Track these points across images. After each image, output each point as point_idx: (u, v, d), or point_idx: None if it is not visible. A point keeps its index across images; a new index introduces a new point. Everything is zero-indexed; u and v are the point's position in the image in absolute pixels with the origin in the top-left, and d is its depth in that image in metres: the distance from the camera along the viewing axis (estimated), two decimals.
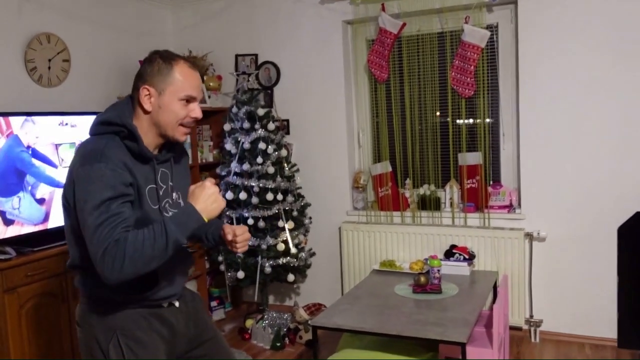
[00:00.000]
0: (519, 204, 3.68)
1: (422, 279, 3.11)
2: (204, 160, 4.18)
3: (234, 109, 3.83)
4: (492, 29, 3.68)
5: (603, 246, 3.45)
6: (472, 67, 3.59)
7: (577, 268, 3.52)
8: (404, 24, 3.72)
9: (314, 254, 4.06)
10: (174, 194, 1.76)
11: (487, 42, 3.58)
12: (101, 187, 1.50)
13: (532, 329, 3.62)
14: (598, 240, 3.45)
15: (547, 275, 3.60)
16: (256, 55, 4.28)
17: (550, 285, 3.60)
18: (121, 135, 1.62)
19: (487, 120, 3.75)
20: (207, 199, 1.58)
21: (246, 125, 3.75)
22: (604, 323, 3.50)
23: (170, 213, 1.69)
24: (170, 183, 1.75)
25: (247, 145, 3.72)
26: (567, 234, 3.52)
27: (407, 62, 3.91)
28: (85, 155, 1.57)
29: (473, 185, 3.76)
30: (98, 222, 1.47)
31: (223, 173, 3.88)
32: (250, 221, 3.71)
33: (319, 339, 3.07)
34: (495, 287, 3.36)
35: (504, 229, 3.63)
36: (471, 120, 3.82)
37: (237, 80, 4.26)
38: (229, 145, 3.84)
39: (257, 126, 3.75)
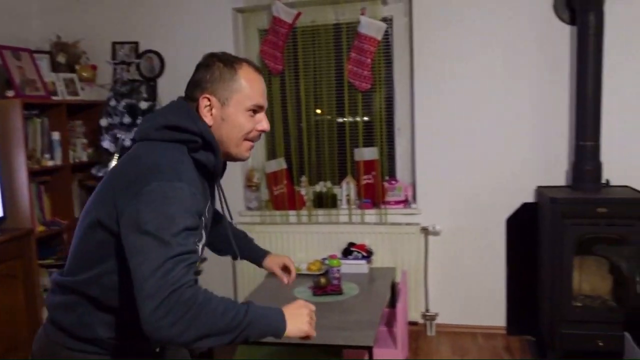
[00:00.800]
0: (414, 199, 3.69)
1: (322, 280, 2.99)
2: (76, 160, 3.73)
3: (112, 102, 3.46)
4: (388, 22, 3.64)
5: (493, 238, 3.55)
6: (369, 60, 3.52)
7: (469, 260, 3.60)
8: (299, 14, 3.57)
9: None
10: None
11: (383, 35, 3.53)
12: (181, 212, 1.20)
13: (428, 322, 3.65)
14: (489, 232, 3.55)
15: (442, 268, 3.64)
16: (137, 43, 3.91)
17: (444, 278, 3.65)
18: (192, 146, 1.33)
19: (383, 114, 3.71)
20: (301, 321, 1.32)
21: (127, 120, 3.40)
22: (494, 312, 3.61)
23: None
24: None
25: (128, 143, 3.37)
26: (460, 227, 3.58)
27: (302, 54, 3.76)
28: (156, 167, 1.24)
29: (369, 181, 3.71)
30: (171, 254, 1.15)
31: (100, 174, 3.49)
32: None
33: (214, 352, 2.85)
34: (393, 284, 3.33)
35: (400, 224, 3.62)
36: (367, 115, 3.76)
37: (114, 70, 3.86)
38: (106, 143, 3.46)
39: (139, 121, 3.41)
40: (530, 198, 3.47)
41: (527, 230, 3.46)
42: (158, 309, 1.11)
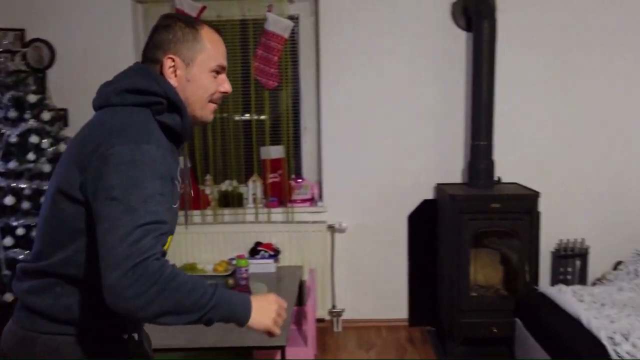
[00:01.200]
0: (321, 197, 3.73)
1: (229, 281, 2.94)
2: None
3: None
4: (294, 20, 3.64)
5: (396, 233, 3.68)
6: (276, 58, 3.50)
7: (373, 256, 3.70)
8: (204, 7, 3.47)
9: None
10: None
11: (290, 33, 3.53)
12: (151, 176, 1.14)
13: (335, 319, 3.71)
14: (392, 229, 3.67)
15: (348, 265, 3.71)
16: (22, 30, 3.59)
17: (350, 274, 3.72)
18: (156, 109, 1.27)
19: (290, 112, 3.70)
20: (267, 316, 1.27)
21: (12, 114, 3.11)
22: (397, 305, 3.74)
23: None
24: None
25: (14, 139, 3.08)
26: (365, 224, 3.67)
27: None
28: (122, 130, 1.18)
29: (276, 180, 3.69)
30: (140, 222, 1.09)
31: None
32: (21, 231, 3.10)
33: None
34: (301, 282, 3.34)
35: (307, 222, 3.63)
36: (274, 113, 3.74)
37: None
38: None
39: (27, 115, 3.14)
40: (430, 195, 3.63)
41: (427, 225, 3.62)
42: (123, 278, 1.06)
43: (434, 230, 3.59)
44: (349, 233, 3.67)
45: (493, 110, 3.32)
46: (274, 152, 3.68)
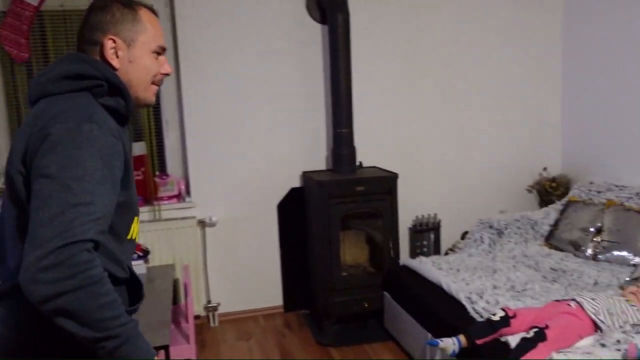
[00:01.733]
0: (189, 193, 3.65)
1: None
2: None
3: None
4: None
5: (266, 223, 3.73)
6: (26, 27, 3.27)
7: (246, 247, 3.72)
8: None
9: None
10: None
11: None
12: (91, 155, 1.07)
13: (211, 314, 3.67)
14: (262, 219, 3.72)
15: (221, 259, 3.69)
16: None
17: (224, 268, 3.70)
18: (97, 91, 1.21)
19: (150, 107, 3.56)
20: None
21: None
22: (272, 293, 3.81)
23: None
24: None
25: None
26: (235, 216, 3.67)
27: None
28: (61, 114, 1.12)
29: (139, 178, 3.53)
30: (74, 201, 1.01)
31: None
32: None
33: None
34: (175, 280, 3.25)
35: (176, 219, 3.54)
36: None
37: None
38: None
39: None
40: (297, 183, 3.73)
41: (296, 213, 3.72)
42: (44, 259, 0.98)
43: (303, 217, 3.70)
44: (220, 226, 3.65)
45: (352, 99, 3.50)
46: (136, 148, 3.51)
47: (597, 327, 2.19)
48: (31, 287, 0.99)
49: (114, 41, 1.25)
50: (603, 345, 2.11)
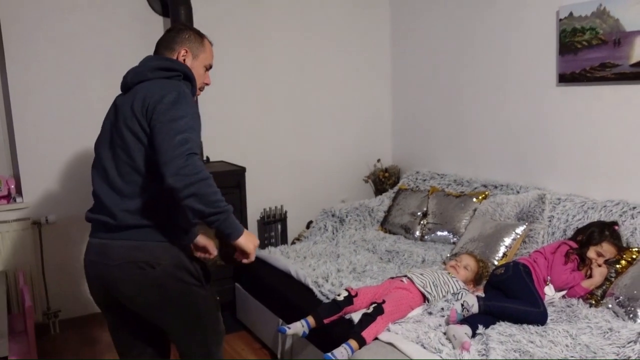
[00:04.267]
0: (20, 192, 3.37)
1: None
2: None
3: None
4: None
5: None
6: None
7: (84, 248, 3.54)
8: None
9: None
10: None
11: None
12: (190, 107, 1.71)
13: (51, 321, 3.45)
14: None
15: (61, 261, 3.47)
16: None
17: (64, 271, 3.49)
18: (178, 78, 1.84)
19: None
20: (252, 241, 1.80)
21: None
22: None
23: None
24: None
25: None
26: (75, 214, 3.46)
27: None
28: (168, 88, 1.74)
29: None
30: (185, 130, 1.64)
31: None
32: None
33: None
34: (8, 288, 3.00)
35: (7, 222, 3.25)
36: None
37: None
38: None
39: None
40: None
41: None
42: (182, 164, 1.59)
43: None
44: (58, 226, 3.43)
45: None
46: None
47: (425, 298, 2.51)
48: (178, 182, 1.58)
49: (187, 51, 1.92)
50: (430, 313, 2.42)
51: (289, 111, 4.12)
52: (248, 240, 1.77)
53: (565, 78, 3.09)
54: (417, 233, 3.60)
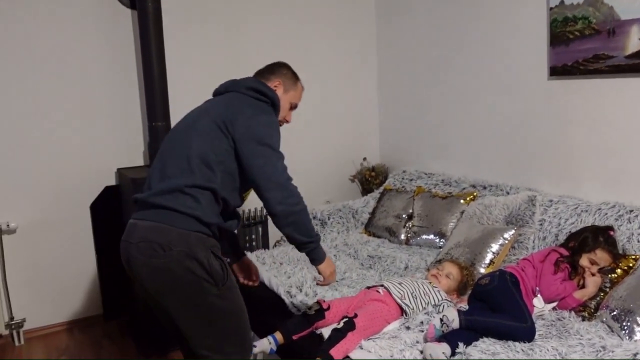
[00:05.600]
0: None
1: None
2: None
3: None
4: None
5: (79, 225, 3.41)
6: None
7: (55, 254, 3.37)
8: None
9: None
10: None
11: None
12: (278, 139, 1.88)
13: (15, 332, 3.26)
14: (73, 221, 3.39)
15: (24, 269, 3.29)
16: None
17: (28, 279, 3.31)
18: (266, 103, 1.98)
19: None
20: (331, 267, 2.02)
21: None
22: (89, 302, 3.51)
23: None
24: None
25: None
26: (40, 220, 3.30)
27: None
28: (259, 108, 1.92)
29: None
30: (281, 159, 1.83)
31: None
32: None
33: None
34: None
35: None
36: None
37: None
38: None
39: None
40: (112, 181, 3.45)
41: (111, 213, 3.44)
42: (284, 190, 1.80)
43: (120, 217, 3.44)
44: (21, 233, 3.25)
45: (167, 90, 3.30)
46: None
47: (403, 311, 2.31)
48: (283, 211, 1.79)
49: (280, 83, 2.07)
50: (408, 328, 2.22)
51: None
52: (327, 266, 1.97)
53: (556, 71, 2.88)
54: (402, 236, 3.40)
